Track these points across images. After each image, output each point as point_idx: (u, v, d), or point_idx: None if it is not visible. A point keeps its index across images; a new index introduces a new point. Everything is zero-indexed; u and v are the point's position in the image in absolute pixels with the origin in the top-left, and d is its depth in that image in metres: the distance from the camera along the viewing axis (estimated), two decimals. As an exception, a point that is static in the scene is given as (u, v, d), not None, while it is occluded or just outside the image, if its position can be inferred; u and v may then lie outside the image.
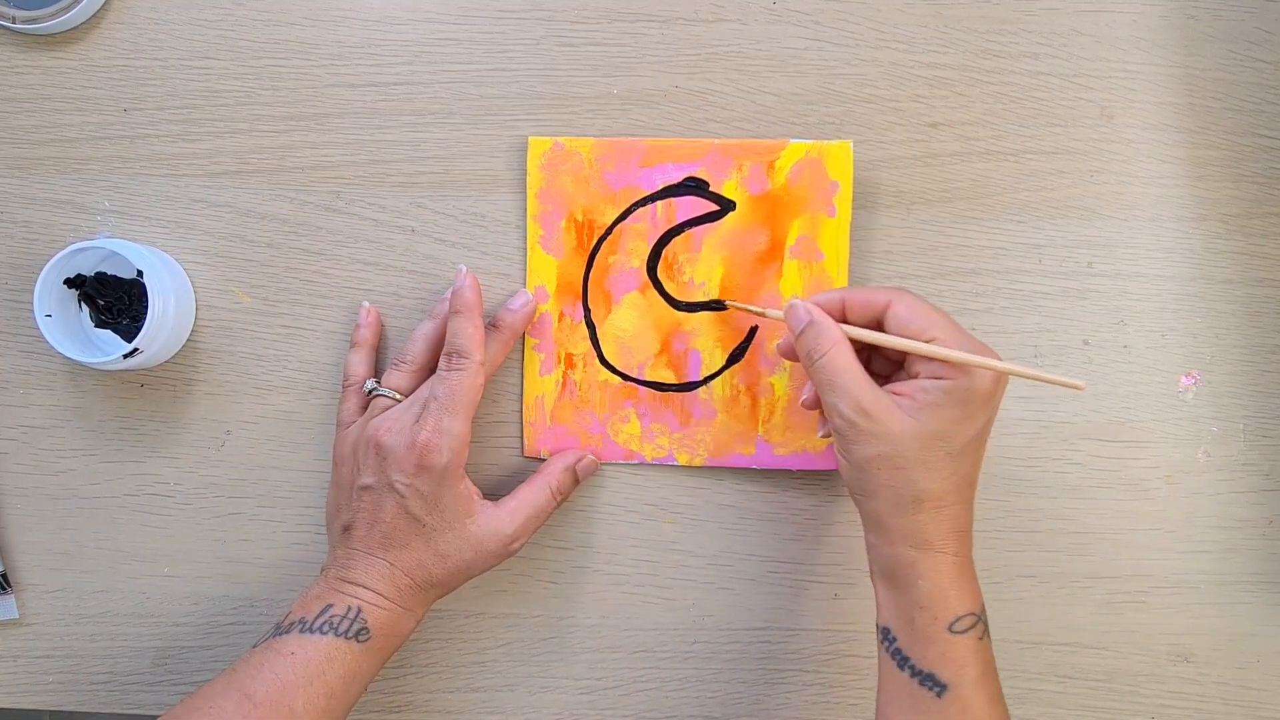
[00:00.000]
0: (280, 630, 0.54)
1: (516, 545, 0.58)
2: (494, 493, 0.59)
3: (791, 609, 0.63)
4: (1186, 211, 0.61)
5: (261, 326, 0.63)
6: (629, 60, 0.61)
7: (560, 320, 0.62)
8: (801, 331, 0.53)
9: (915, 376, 0.51)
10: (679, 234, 0.60)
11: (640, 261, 0.61)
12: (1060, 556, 0.62)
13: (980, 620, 0.51)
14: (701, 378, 0.61)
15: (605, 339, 0.61)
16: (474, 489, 0.57)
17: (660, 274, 0.61)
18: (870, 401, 0.50)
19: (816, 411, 0.61)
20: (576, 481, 0.61)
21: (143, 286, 0.59)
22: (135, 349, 0.57)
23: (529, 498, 0.59)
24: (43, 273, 0.58)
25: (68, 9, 0.60)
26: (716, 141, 0.60)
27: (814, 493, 0.62)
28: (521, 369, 0.62)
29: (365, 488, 0.56)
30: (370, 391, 0.59)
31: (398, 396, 0.58)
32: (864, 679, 0.63)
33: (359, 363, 0.61)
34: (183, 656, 0.64)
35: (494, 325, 0.59)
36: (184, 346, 0.63)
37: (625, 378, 0.62)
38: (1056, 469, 0.62)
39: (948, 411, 0.49)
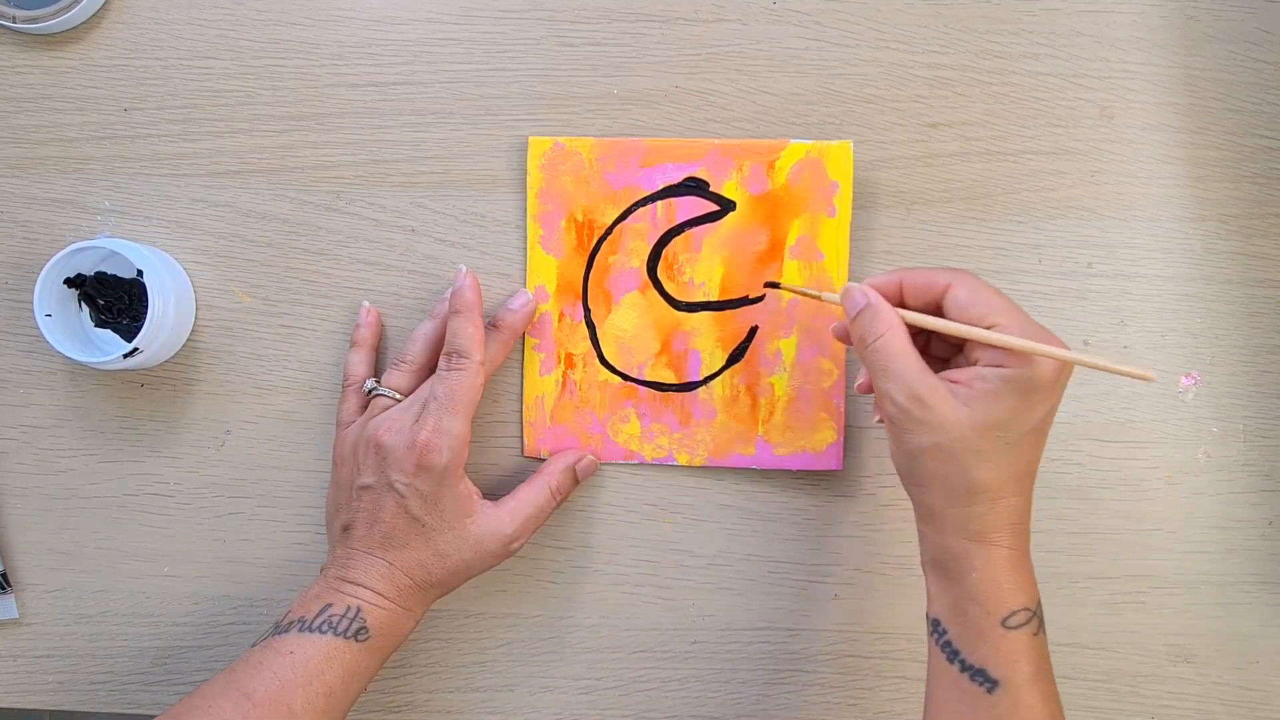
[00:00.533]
0: (279, 629, 0.54)
1: (516, 545, 0.58)
2: (494, 493, 0.59)
3: (791, 609, 0.63)
4: (1186, 212, 0.61)
5: (262, 326, 0.63)
6: (629, 60, 0.61)
7: (560, 320, 0.62)
8: (857, 315, 0.51)
9: (974, 363, 0.48)
10: (679, 234, 0.61)
11: (640, 261, 0.61)
12: (1060, 557, 0.62)
13: (1035, 615, 0.49)
14: (701, 378, 0.61)
15: (605, 339, 0.61)
16: (474, 489, 0.57)
17: (660, 274, 0.61)
18: (925, 389, 0.48)
19: (811, 414, 0.61)
20: (576, 481, 0.61)
21: (143, 286, 0.59)
22: (135, 349, 0.57)
23: (529, 498, 0.58)
24: (43, 272, 0.58)
25: (68, 9, 0.60)
26: (716, 141, 0.60)
27: (814, 493, 0.62)
28: (521, 369, 0.62)
29: (365, 487, 0.56)
30: (370, 391, 0.59)
31: (397, 396, 0.58)
32: (864, 679, 0.63)
33: (359, 362, 0.61)
34: (182, 656, 0.64)
35: (494, 325, 0.59)
36: (184, 346, 0.63)
37: (625, 378, 0.62)
38: (1056, 469, 0.62)
39: (1006, 401, 0.47)
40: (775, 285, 0.60)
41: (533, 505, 0.58)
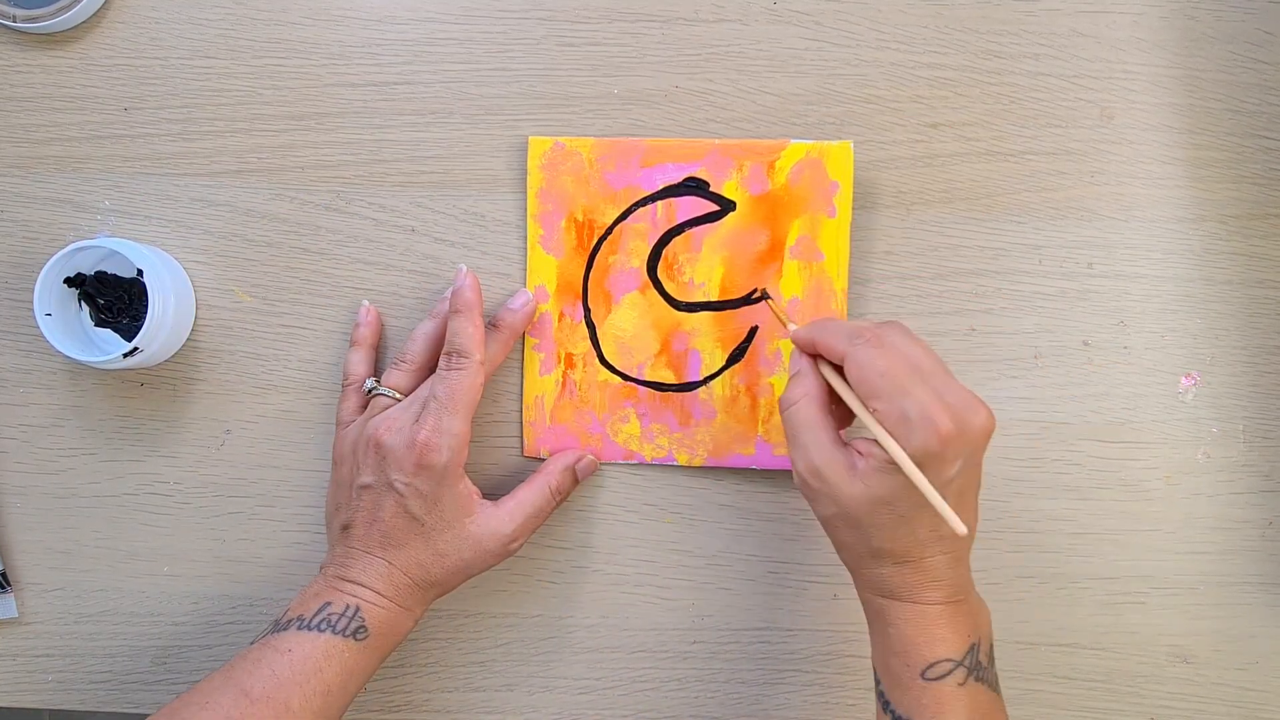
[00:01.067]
0: (278, 627, 0.54)
1: (516, 545, 0.58)
2: (494, 493, 0.59)
3: (791, 609, 0.63)
4: (1186, 213, 0.61)
5: (261, 326, 0.63)
6: (629, 60, 0.61)
7: (560, 320, 0.62)
8: (790, 376, 0.52)
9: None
10: (679, 234, 0.61)
11: (640, 261, 0.61)
12: (1059, 557, 0.62)
13: (959, 665, 0.49)
14: (701, 378, 0.61)
15: (605, 339, 0.61)
16: (473, 489, 0.57)
17: (660, 274, 0.61)
18: (823, 462, 0.49)
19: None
20: (576, 481, 0.61)
21: (143, 285, 0.59)
22: (135, 348, 0.57)
23: (528, 498, 0.58)
24: (43, 272, 0.58)
25: (68, 8, 0.60)
26: (717, 141, 0.60)
27: (814, 493, 0.62)
28: (521, 369, 0.62)
29: (364, 486, 0.56)
30: (370, 391, 0.59)
31: (397, 395, 0.58)
32: (863, 679, 0.63)
33: (359, 362, 0.61)
34: (182, 656, 0.64)
35: (494, 325, 0.59)
36: (184, 346, 0.63)
37: (625, 378, 0.62)
38: (1056, 469, 0.62)
39: (892, 479, 0.47)
40: (765, 297, 0.60)
41: (532, 505, 0.58)
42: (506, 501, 0.58)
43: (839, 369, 0.50)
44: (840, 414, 0.52)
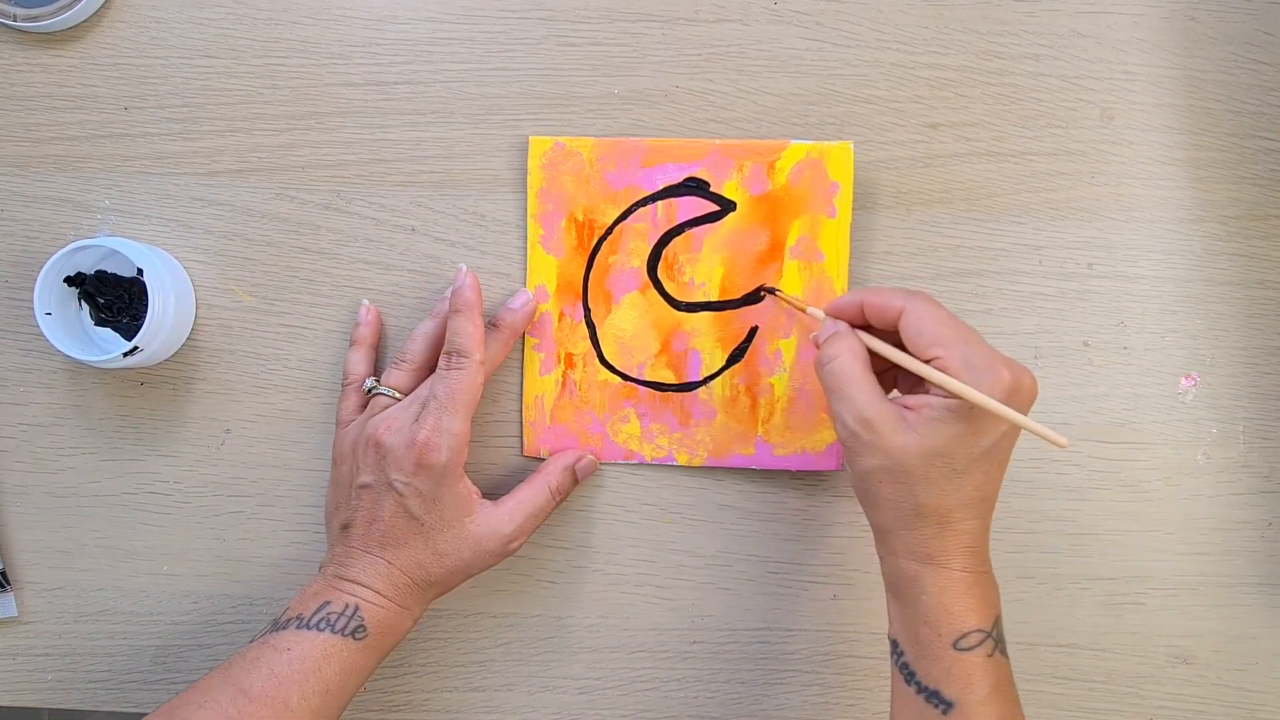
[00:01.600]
0: (277, 626, 0.54)
1: (515, 545, 0.58)
2: (493, 492, 0.59)
3: (790, 610, 0.63)
4: (1186, 213, 0.61)
5: (261, 325, 0.63)
6: (630, 60, 0.61)
7: (560, 320, 0.62)
8: (824, 339, 0.52)
9: (927, 390, 0.49)
10: (679, 234, 0.61)
11: (640, 261, 0.61)
12: (1059, 558, 0.62)
13: (989, 637, 0.49)
14: (701, 378, 0.61)
15: (605, 339, 0.61)
16: (473, 488, 0.57)
17: (660, 274, 0.61)
18: (874, 413, 0.49)
19: (811, 415, 0.61)
20: (576, 481, 0.61)
21: (143, 285, 0.59)
22: (135, 347, 0.57)
23: (528, 497, 0.58)
24: (43, 271, 0.58)
25: (68, 7, 0.60)
26: (717, 142, 0.60)
27: (813, 493, 0.62)
28: (521, 369, 0.62)
29: (364, 486, 0.56)
30: (370, 390, 0.59)
31: (397, 395, 0.58)
32: (862, 680, 0.63)
33: (358, 361, 0.61)
34: (182, 655, 0.64)
35: (494, 324, 0.59)
36: (184, 345, 0.63)
37: (625, 378, 0.62)
38: (1056, 470, 0.62)
39: (950, 428, 0.47)
40: (772, 291, 0.60)
41: (532, 505, 0.58)
42: (506, 501, 0.58)
43: (877, 335, 0.51)
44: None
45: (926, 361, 0.48)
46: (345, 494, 0.57)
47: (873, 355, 0.52)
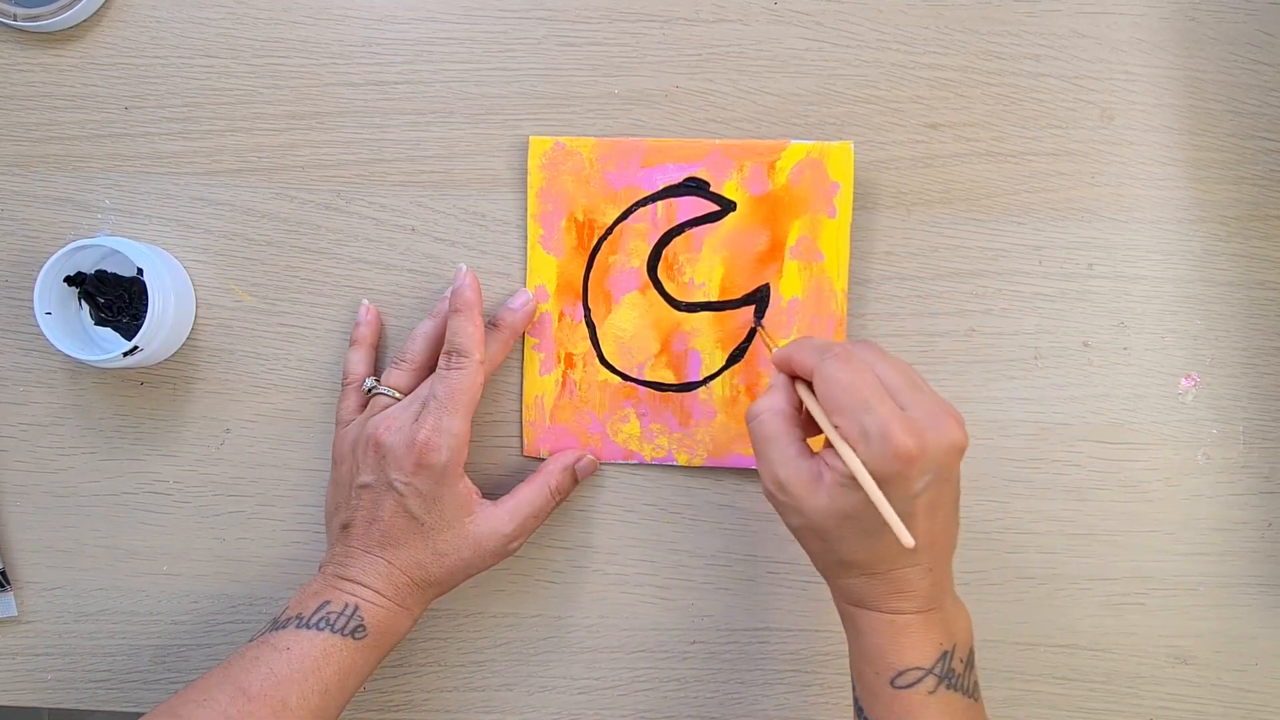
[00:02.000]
0: (277, 625, 0.54)
1: (515, 545, 0.58)
2: (493, 493, 0.59)
3: (790, 610, 0.63)
4: (1186, 214, 0.61)
5: (261, 325, 0.63)
6: (630, 60, 0.61)
7: (560, 320, 0.62)
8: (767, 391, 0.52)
9: None
10: (679, 234, 0.61)
11: (641, 261, 0.61)
12: (1059, 558, 0.62)
13: (930, 673, 0.49)
14: (701, 378, 0.61)
15: (605, 339, 0.61)
16: (473, 488, 0.57)
17: (660, 274, 0.61)
18: (788, 475, 0.48)
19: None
20: (576, 481, 0.61)
21: (143, 284, 0.59)
22: (135, 347, 0.57)
23: (528, 497, 0.59)
24: (43, 270, 0.58)
25: (69, 6, 0.60)
26: (717, 142, 0.60)
27: (813, 493, 0.62)
28: (521, 368, 0.62)
29: (364, 486, 0.56)
30: (370, 390, 0.59)
31: (397, 395, 0.58)
32: (862, 680, 0.63)
33: (358, 361, 0.61)
34: (181, 655, 0.64)
35: (494, 324, 0.60)
36: (184, 345, 0.63)
37: (625, 378, 0.62)
38: (1056, 470, 0.62)
39: (852, 493, 0.47)
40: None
41: (532, 505, 0.58)
42: (506, 501, 0.58)
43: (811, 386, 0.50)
44: (814, 428, 0.51)
45: (835, 427, 0.47)
46: (345, 494, 0.57)
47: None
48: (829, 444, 0.48)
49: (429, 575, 0.56)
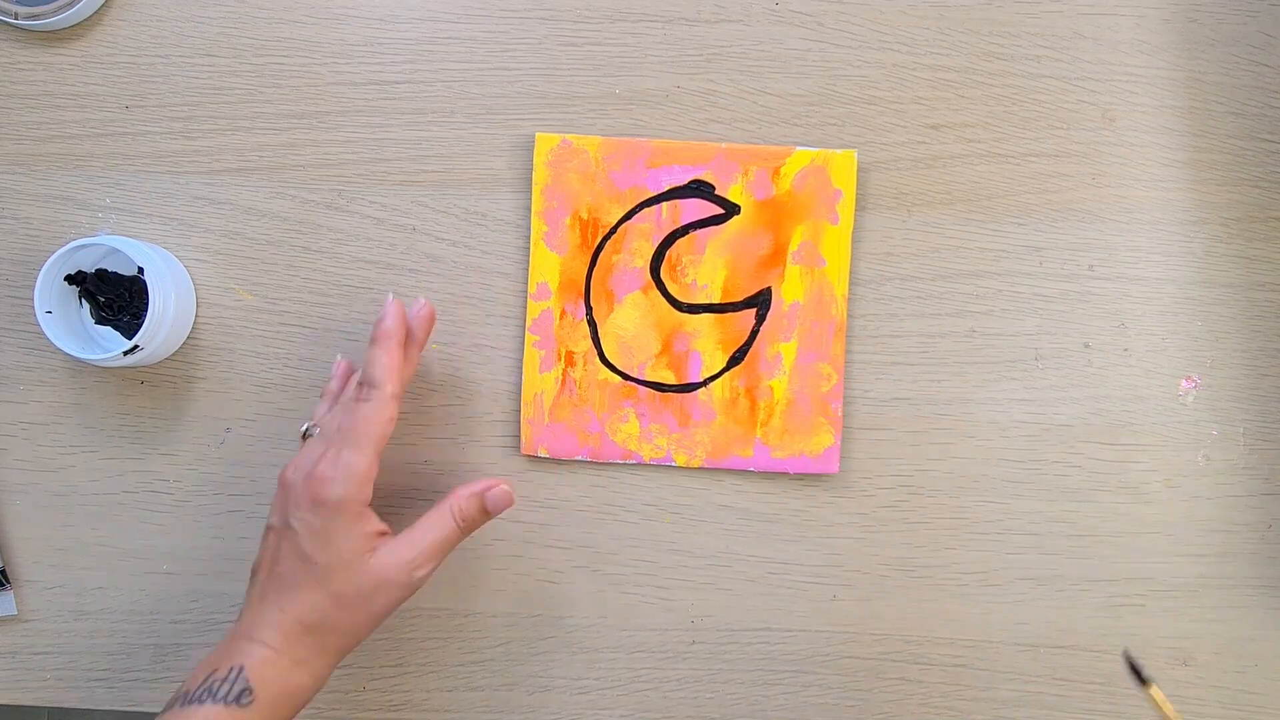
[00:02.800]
0: (169, 706, 0.51)
1: (421, 573, 0.53)
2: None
3: (789, 610, 0.63)
4: (1187, 215, 0.61)
5: (262, 324, 0.63)
6: (631, 60, 0.61)
7: (562, 318, 0.62)
8: None
9: None
10: (683, 235, 0.61)
11: (644, 261, 0.61)
12: (1059, 559, 0.62)
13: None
14: (701, 379, 0.61)
15: (606, 338, 0.61)
16: (378, 526, 0.54)
17: (663, 274, 0.61)
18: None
19: (809, 418, 0.61)
20: (485, 512, 0.55)
21: (143, 283, 0.59)
22: (136, 346, 0.57)
23: (429, 522, 0.54)
24: (43, 269, 0.58)
25: (69, 5, 0.60)
26: (723, 145, 0.60)
27: (812, 494, 0.62)
28: (521, 365, 0.62)
29: (269, 529, 0.54)
30: (304, 431, 0.57)
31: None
32: (861, 681, 0.63)
33: (322, 410, 0.59)
34: (181, 654, 0.64)
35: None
36: (184, 344, 0.63)
37: (625, 377, 0.62)
38: (1056, 472, 0.62)
39: None
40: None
41: (433, 529, 0.54)
42: (408, 530, 0.54)
43: None
44: None
45: None
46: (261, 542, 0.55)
47: None
48: None
49: (326, 621, 0.52)
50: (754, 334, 0.61)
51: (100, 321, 0.62)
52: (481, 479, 0.56)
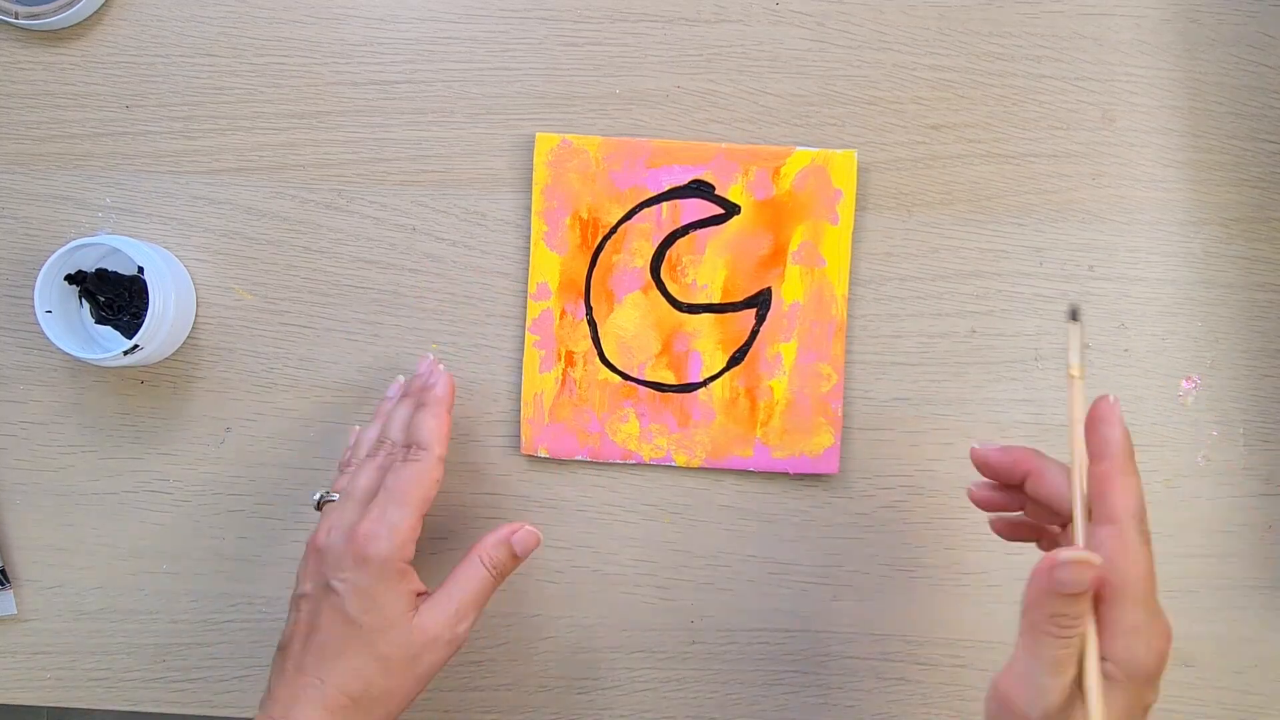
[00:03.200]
0: None
1: (463, 627, 0.52)
2: (492, 491, 0.60)
3: (789, 610, 0.63)
4: (1187, 216, 0.61)
5: (262, 324, 0.63)
6: (631, 60, 0.61)
7: (562, 318, 0.62)
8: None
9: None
10: (683, 235, 0.61)
11: (644, 261, 0.61)
12: (1059, 559, 0.62)
13: None
14: (702, 379, 0.61)
15: (606, 338, 0.61)
16: (419, 586, 0.53)
17: (663, 274, 0.61)
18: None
19: (809, 418, 0.61)
20: (515, 556, 0.55)
21: (143, 283, 0.59)
22: (135, 345, 0.57)
23: (464, 575, 0.53)
24: (43, 269, 0.58)
25: (70, 4, 0.60)
26: (723, 146, 0.60)
27: (812, 494, 0.62)
28: (521, 365, 0.62)
29: (302, 596, 0.52)
30: (318, 501, 0.56)
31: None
32: (861, 681, 0.63)
33: (342, 482, 0.57)
34: (181, 654, 0.64)
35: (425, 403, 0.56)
36: (184, 343, 0.63)
37: (625, 377, 0.62)
38: (1056, 472, 0.62)
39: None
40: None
41: (469, 583, 0.53)
42: (444, 585, 0.53)
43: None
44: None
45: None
46: (288, 617, 0.53)
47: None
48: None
49: (371, 689, 0.50)
50: (754, 334, 0.61)
51: (100, 321, 0.62)
52: (504, 525, 0.55)
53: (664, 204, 0.60)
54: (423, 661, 0.51)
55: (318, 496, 0.56)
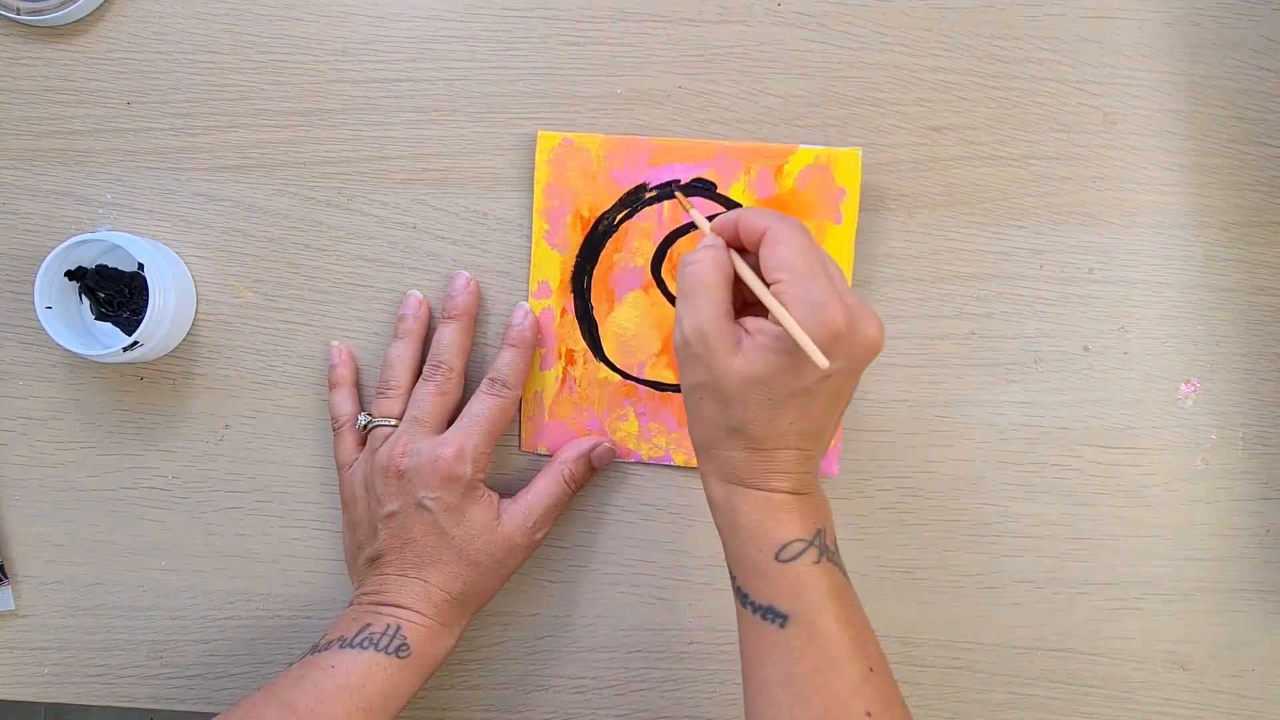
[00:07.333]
0: (318, 648, 0.54)
1: (541, 535, 0.59)
2: (492, 488, 0.59)
3: (788, 611, 0.63)
4: (1188, 219, 0.61)
5: (262, 321, 0.63)
6: (633, 60, 0.61)
7: (562, 316, 0.62)
8: (700, 246, 0.50)
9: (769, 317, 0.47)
10: (684, 234, 0.60)
11: (645, 260, 0.61)
12: (1057, 562, 0.62)
13: (811, 545, 0.48)
14: (701, 378, 0.61)
15: (607, 336, 0.61)
16: (493, 495, 0.59)
17: (664, 273, 0.61)
18: (712, 328, 0.47)
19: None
20: (593, 469, 0.62)
21: (144, 280, 0.59)
22: (135, 342, 0.57)
23: (544, 488, 0.60)
24: (43, 265, 0.58)
25: (71, 1, 0.60)
26: (725, 144, 0.60)
27: (812, 495, 0.62)
28: (521, 367, 0.62)
29: (390, 515, 0.57)
30: (366, 426, 0.60)
31: (394, 423, 0.59)
32: (860, 682, 0.63)
33: (344, 400, 0.61)
34: (179, 650, 0.64)
35: (511, 344, 0.60)
36: (184, 340, 0.63)
37: (625, 376, 0.62)
38: (1055, 474, 0.62)
39: (774, 359, 0.46)
40: (677, 191, 0.60)
41: (549, 495, 0.59)
42: (523, 495, 0.59)
43: (744, 258, 0.49)
44: (736, 301, 0.50)
45: (769, 285, 0.47)
46: (368, 530, 0.58)
47: (741, 286, 0.49)
48: (750, 309, 0.49)
49: (466, 588, 0.57)
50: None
51: (100, 317, 0.62)
52: (584, 438, 0.62)
53: (665, 203, 0.60)
54: (508, 564, 0.59)
55: (363, 421, 0.60)
